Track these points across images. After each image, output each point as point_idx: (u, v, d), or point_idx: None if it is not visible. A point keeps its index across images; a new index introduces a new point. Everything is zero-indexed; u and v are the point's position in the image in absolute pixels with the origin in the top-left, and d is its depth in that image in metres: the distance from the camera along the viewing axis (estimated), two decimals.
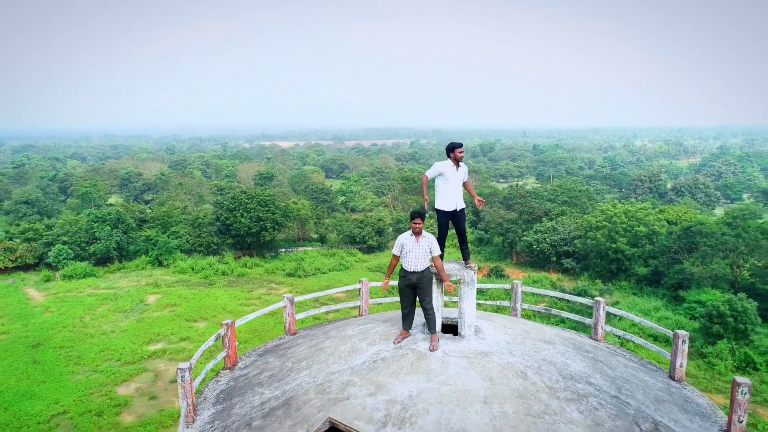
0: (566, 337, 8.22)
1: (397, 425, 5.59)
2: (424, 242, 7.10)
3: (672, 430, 6.09)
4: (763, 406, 31.73)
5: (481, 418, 5.62)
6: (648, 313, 46.66)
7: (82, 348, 40.17)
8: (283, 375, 7.01)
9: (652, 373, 8.06)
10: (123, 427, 29.61)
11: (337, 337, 7.68)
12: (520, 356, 6.78)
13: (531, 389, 6.13)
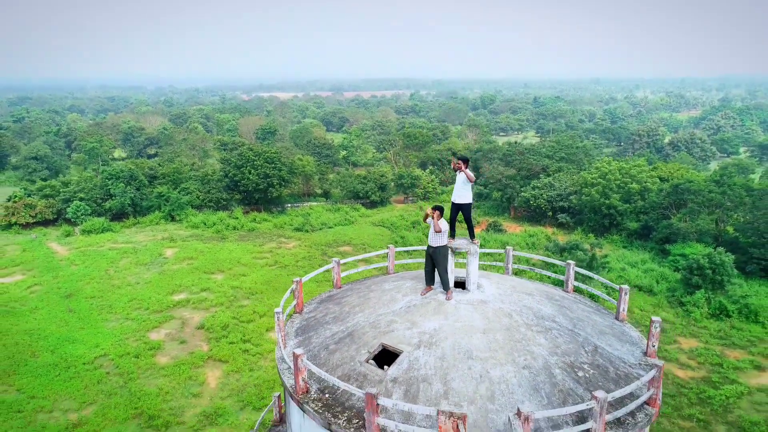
0: (543, 290, 11.08)
1: (427, 347, 8.51)
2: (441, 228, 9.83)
3: (607, 351, 9.02)
4: (730, 348, 35.34)
5: (481, 342, 8.55)
6: (635, 265, 49.95)
7: (111, 298, 43.56)
8: (343, 316, 9.87)
9: (603, 315, 10.91)
10: (159, 367, 33.24)
11: (379, 290, 10.54)
12: (508, 303, 9.67)
13: (514, 325, 9.04)
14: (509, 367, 8.20)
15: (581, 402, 7.59)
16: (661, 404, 8.62)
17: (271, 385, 30.87)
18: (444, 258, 9.67)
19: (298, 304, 10.92)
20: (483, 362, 8.25)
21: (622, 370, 8.73)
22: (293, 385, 8.28)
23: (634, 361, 9.09)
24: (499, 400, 7.73)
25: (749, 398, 29.63)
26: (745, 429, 26.90)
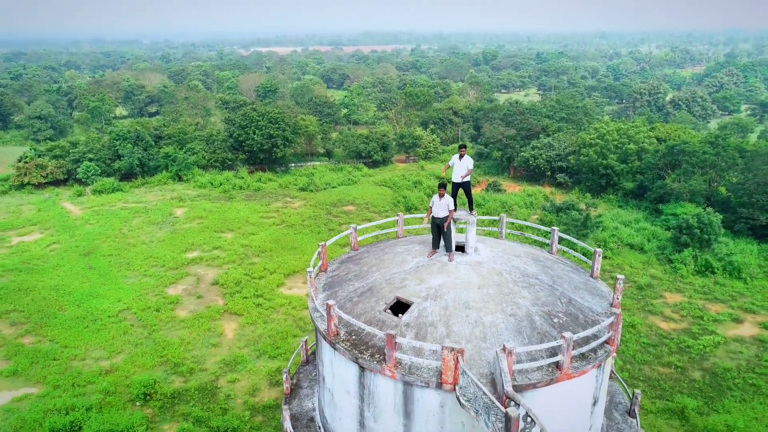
0: (530, 252, 12.99)
1: (433, 299, 10.50)
2: (444, 201, 11.66)
3: (579, 302, 11.00)
4: (712, 302, 37.76)
5: (477, 295, 10.55)
6: (628, 225, 51.98)
7: (128, 255, 45.82)
8: (363, 274, 11.82)
9: (580, 273, 12.86)
10: (179, 320, 35.74)
11: (392, 253, 12.46)
12: (499, 264, 11.61)
13: (503, 281, 11.01)
14: (498, 315, 10.21)
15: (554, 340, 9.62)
16: (619, 344, 10.68)
17: (284, 336, 33.39)
18: (448, 230, 11.58)
19: (323, 264, 12.87)
20: (478, 311, 10.25)
21: (590, 318, 10.75)
22: (326, 329, 10.31)
23: (600, 311, 11.10)
24: (490, 340, 9.76)
25: (725, 347, 32.20)
26: (717, 374, 29.52)
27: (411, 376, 9.31)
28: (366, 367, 9.68)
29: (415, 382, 9.25)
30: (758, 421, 25.83)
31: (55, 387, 28.32)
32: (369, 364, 9.59)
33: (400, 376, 9.36)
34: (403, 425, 9.78)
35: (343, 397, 10.73)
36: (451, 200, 11.74)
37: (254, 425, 25.89)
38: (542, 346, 9.11)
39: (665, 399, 27.58)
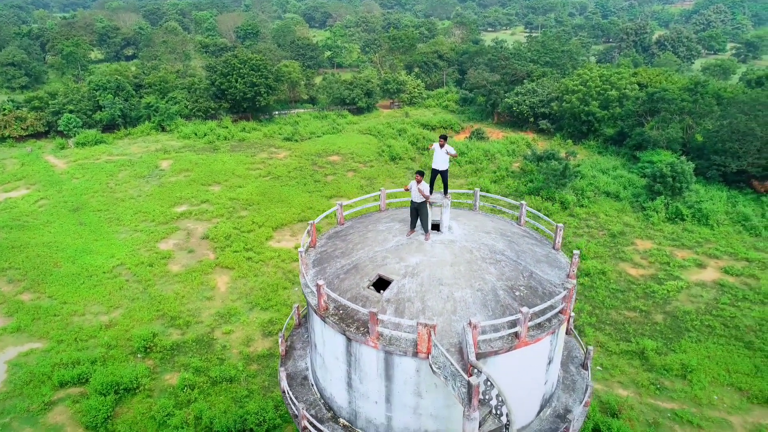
0: (499, 228, 14.30)
1: (411, 276, 11.87)
2: (422, 186, 12.79)
3: (539, 275, 12.45)
4: (680, 248, 39.98)
5: (449, 272, 11.93)
6: (606, 172, 53.55)
7: (117, 210, 46.57)
8: (348, 251, 13.08)
9: (543, 246, 14.24)
10: (173, 274, 37.14)
11: (374, 231, 13.68)
12: (470, 242, 12.93)
13: (473, 258, 12.37)
14: (468, 290, 11.61)
15: (515, 314, 11.10)
16: (571, 313, 12.23)
17: (275, 288, 35.04)
18: (425, 210, 12.78)
19: (313, 240, 14.09)
20: (450, 287, 11.64)
21: (548, 289, 12.22)
22: (317, 304, 11.66)
23: (558, 282, 12.56)
24: (460, 313, 11.21)
25: (687, 291, 34.58)
26: (678, 317, 31.97)
27: (391, 346, 10.79)
28: (352, 339, 11.12)
29: (395, 352, 10.74)
30: (710, 359, 28.40)
31: (59, 342, 29.88)
32: (355, 336, 11.03)
33: (381, 347, 10.83)
34: (385, 386, 11.38)
35: (332, 362, 12.27)
36: (427, 186, 12.90)
37: (250, 373, 27.87)
38: (503, 320, 10.58)
39: (628, 341, 30.01)
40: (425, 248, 12.66)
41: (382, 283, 12.01)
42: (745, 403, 25.76)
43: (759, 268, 37.00)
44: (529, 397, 12.22)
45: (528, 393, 12.10)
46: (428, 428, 11.49)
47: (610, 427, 23.28)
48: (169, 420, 24.19)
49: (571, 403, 13.19)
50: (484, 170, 55.51)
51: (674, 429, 24.45)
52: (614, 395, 26.15)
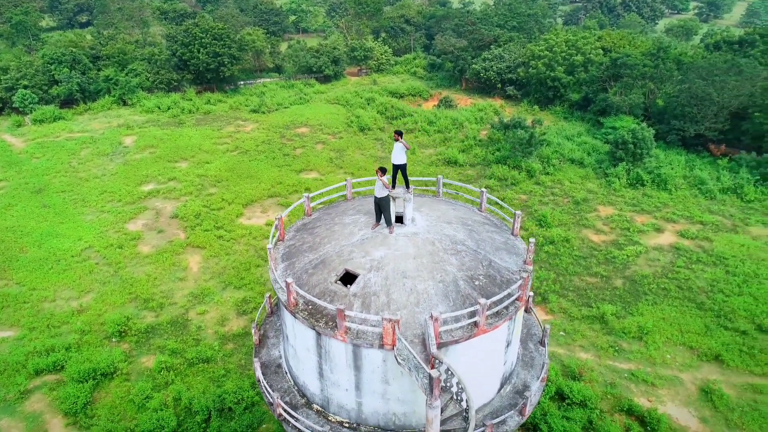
0: (460, 216, 14.89)
1: (376, 270, 12.40)
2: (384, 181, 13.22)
3: (498, 264, 13.16)
4: (639, 213, 41.57)
5: (412, 265, 12.51)
6: (571, 139, 54.64)
7: (82, 191, 45.67)
8: (315, 246, 13.50)
9: (502, 232, 14.92)
10: (144, 256, 37.01)
11: (341, 224, 14.10)
12: (433, 233, 13.51)
13: (435, 250, 12.97)
14: (430, 282, 12.24)
15: (474, 304, 11.80)
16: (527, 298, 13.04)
17: (247, 267, 35.33)
18: (387, 204, 13.24)
19: (281, 233, 14.45)
20: (413, 280, 12.24)
21: (506, 277, 12.95)
22: (287, 300, 12.14)
23: (515, 269, 13.30)
24: (422, 305, 11.86)
25: (645, 256, 36.22)
26: (636, 281, 33.59)
27: (358, 340, 11.40)
28: (322, 333, 11.69)
29: (362, 345, 11.36)
30: (664, 321, 30.13)
31: (31, 329, 29.80)
32: (324, 331, 11.60)
33: (349, 340, 11.44)
34: (354, 375, 12.05)
35: (304, 353, 12.86)
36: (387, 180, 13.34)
37: (226, 353, 28.43)
38: (463, 312, 11.27)
39: (589, 306, 31.52)
40: (389, 241, 13.18)
41: (348, 277, 12.53)
42: (695, 361, 27.59)
43: (712, 230, 38.87)
44: (490, 377, 13.10)
45: (488, 374, 12.97)
46: (396, 411, 12.28)
47: (572, 390, 24.75)
48: (148, 403, 24.69)
49: (530, 379, 14.15)
50: (452, 139, 55.96)
51: (630, 388, 26.12)
52: (576, 359, 27.66)
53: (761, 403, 25.08)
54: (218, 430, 23.20)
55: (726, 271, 34.23)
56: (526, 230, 39.22)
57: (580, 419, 23.67)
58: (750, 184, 43.65)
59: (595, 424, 23.67)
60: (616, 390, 25.77)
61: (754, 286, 32.64)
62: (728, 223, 39.97)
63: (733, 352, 27.88)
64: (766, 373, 26.66)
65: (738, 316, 30.24)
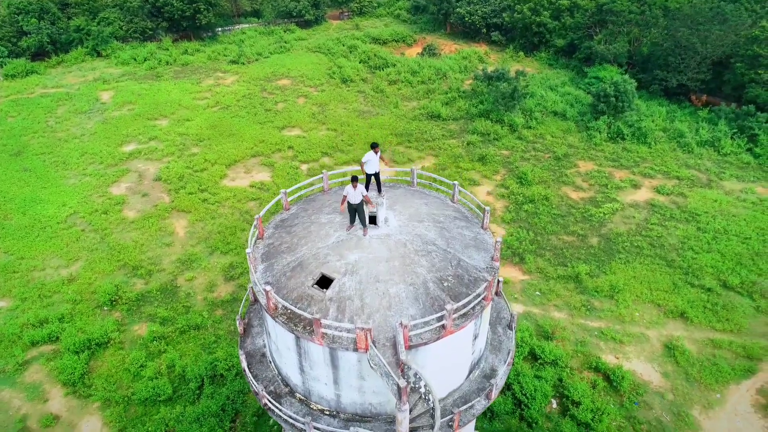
0: (432, 213, 15.40)
1: (350, 274, 13.09)
2: (358, 190, 13.65)
3: (466, 262, 13.89)
4: (618, 169, 42.31)
5: (385, 268, 13.20)
6: (555, 89, 54.35)
7: (62, 153, 45.19)
8: (293, 246, 14.07)
9: (472, 226, 15.53)
10: (129, 221, 37.35)
11: (317, 224, 14.62)
12: (405, 234, 14.11)
13: (407, 252, 13.63)
14: (401, 286, 12.98)
15: (443, 304, 12.62)
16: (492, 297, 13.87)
17: (233, 231, 35.90)
18: (362, 209, 13.77)
19: (260, 232, 14.98)
20: (385, 283, 12.96)
21: (474, 275, 13.72)
22: (266, 305, 12.86)
23: (483, 266, 14.05)
24: (394, 308, 12.64)
25: (621, 213, 37.29)
26: (611, 239, 34.79)
27: (334, 344, 12.24)
28: (300, 337, 12.51)
29: (338, 348, 12.22)
30: (635, 279, 31.57)
31: (23, 300, 30.53)
32: (302, 335, 12.41)
33: (326, 344, 12.28)
34: (332, 372, 13.00)
35: (285, 351, 13.74)
36: (363, 189, 13.82)
37: (215, 319, 29.53)
38: (431, 317, 12.10)
39: (565, 265, 32.80)
40: (363, 244, 13.80)
41: (325, 280, 13.22)
42: (661, 318, 29.24)
43: (687, 186, 39.85)
44: (459, 367, 14.16)
45: (457, 366, 14.02)
46: (372, 401, 13.35)
47: (544, 350, 26.31)
48: (143, 371, 25.91)
49: (497, 363, 15.26)
50: (435, 91, 55.44)
51: (599, 346, 27.80)
52: (550, 319, 29.17)
53: (719, 358, 26.92)
54: (211, 396, 24.58)
55: (697, 228, 35.49)
56: (507, 188, 39.96)
57: (551, 378, 25.35)
58: (727, 137, 44.31)
59: (564, 382, 25.38)
60: (585, 348, 27.42)
61: (723, 243, 34.00)
62: (703, 178, 40.94)
63: (697, 308, 29.51)
64: (726, 328, 28.41)
65: (705, 273, 31.73)
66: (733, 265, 32.17)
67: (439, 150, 44.97)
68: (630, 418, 24.21)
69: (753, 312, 29.45)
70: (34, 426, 23.86)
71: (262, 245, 14.63)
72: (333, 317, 12.43)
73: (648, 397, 25.22)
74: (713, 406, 24.84)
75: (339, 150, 45.23)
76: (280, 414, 13.77)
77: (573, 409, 23.87)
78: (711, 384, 25.69)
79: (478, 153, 43.60)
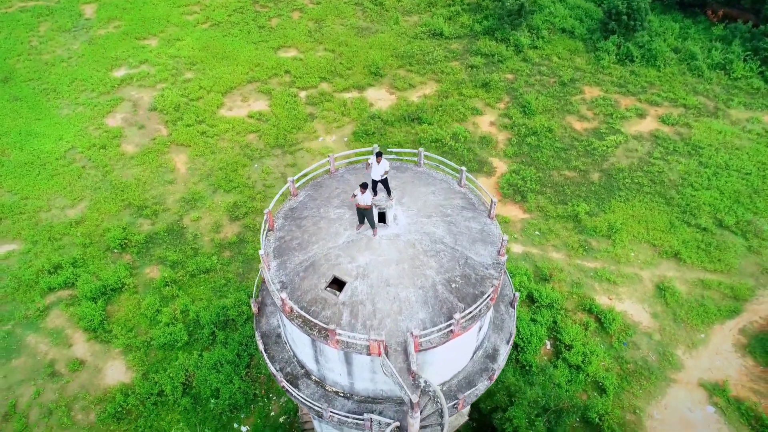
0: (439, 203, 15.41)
1: (362, 278, 13.51)
2: (366, 195, 13.61)
3: (473, 260, 14.25)
4: (625, 96, 41.28)
5: (394, 271, 13.60)
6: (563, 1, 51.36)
7: (51, 79, 43.64)
8: (304, 244, 14.33)
9: (479, 216, 15.62)
10: (129, 157, 37.07)
11: (327, 219, 14.73)
12: (413, 233, 14.31)
13: (416, 253, 13.93)
14: (411, 289, 13.46)
15: (452, 307, 13.23)
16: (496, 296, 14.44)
17: (234, 167, 35.81)
18: (370, 212, 13.87)
19: (270, 224, 15.18)
20: (395, 287, 13.44)
21: (480, 274, 14.17)
22: (282, 307, 13.43)
23: (489, 262, 14.45)
24: (405, 313, 13.23)
25: (624, 146, 37.05)
26: (612, 175, 34.92)
27: (349, 348, 12.98)
28: (315, 339, 13.22)
29: (352, 352, 12.98)
30: (633, 218, 32.19)
31: (34, 243, 31.20)
32: (318, 338, 13.11)
33: (341, 348, 13.02)
34: (346, 368, 13.90)
35: (301, 345, 14.56)
36: (370, 193, 13.81)
37: (224, 261, 30.44)
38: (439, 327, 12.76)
39: (565, 203, 33.23)
40: (373, 245, 14.08)
41: (337, 282, 13.68)
42: (656, 258, 30.25)
43: (694, 115, 39.20)
44: (464, 355, 15.10)
45: (463, 355, 14.93)
46: (383, 389, 14.43)
47: (541, 294, 27.54)
48: (158, 316, 27.24)
49: (499, 342, 16.22)
50: (438, 3, 52.34)
51: (593, 286, 29.05)
52: (548, 260, 30.16)
53: (707, 298, 28.30)
54: (225, 342, 26.09)
55: (699, 162, 35.50)
56: (510, 118, 39.30)
57: (546, 321, 26.80)
58: (740, 60, 42.78)
59: (558, 324, 26.87)
60: (581, 290, 28.67)
61: (723, 179, 34.22)
62: (710, 106, 40.16)
63: (691, 249, 30.43)
64: (717, 269, 29.54)
65: (702, 212, 32.29)
66: (731, 203, 32.64)
67: (442, 74, 43.49)
68: (618, 359, 26.00)
69: (744, 252, 30.43)
70: (62, 370, 25.57)
71: (273, 238, 14.92)
72: (346, 321, 13.08)
73: (636, 337, 26.87)
74: (697, 345, 26.56)
75: (338, 75, 43.71)
76: (297, 396, 14.91)
77: (565, 353, 25.52)
78: (697, 324, 27.26)
79: (482, 78, 42.25)
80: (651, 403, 24.55)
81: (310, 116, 39.90)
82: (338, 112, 39.97)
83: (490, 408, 21.02)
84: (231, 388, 23.99)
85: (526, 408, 19.76)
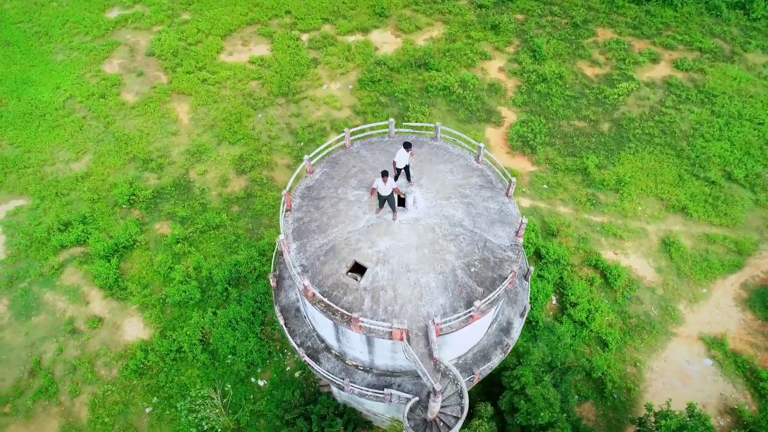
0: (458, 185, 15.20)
1: (382, 263, 13.63)
2: (389, 183, 13.42)
3: (492, 243, 14.31)
4: (639, 39, 39.85)
5: (415, 257, 13.70)
6: None
7: (41, 21, 41.88)
8: (323, 227, 14.30)
9: (497, 195, 15.45)
10: (130, 106, 36.25)
11: (345, 201, 14.60)
12: (433, 217, 14.26)
13: (435, 238, 13.96)
14: (431, 275, 13.63)
15: (471, 292, 13.48)
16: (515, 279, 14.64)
17: (238, 118, 35.15)
18: (392, 198, 13.77)
19: (288, 205, 15.11)
20: (416, 273, 13.60)
21: (499, 256, 14.29)
22: (304, 292, 13.66)
23: (507, 244, 14.54)
24: (425, 298, 13.48)
25: (636, 94, 36.21)
26: (622, 125, 34.37)
27: (371, 333, 13.32)
28: (338, 323, 13.54)
29: (374, 336, 13.34)
30: (642, 171, 32.02)
31: (42, 199, 31.15)
32: (341, 322, 13.43)
33: (363, 332, 13.37)
34: (367, 348, 14.33)
35: (322, 324, 14.92)
36: (393, 182, 13.64)
37: (233, 217, 30.55)
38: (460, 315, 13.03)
39: (574, 156, 32.93)
40: (393, 230, 14.11)
41: (358, 267, 13.84)
42: (662, 213, 30.39)
43: (709, 60, 38.03)
44: (480, 332, 15.51)
45: (479, 332, 15.34)
46: (402, 365, 14.97)
47: (548, 250, 27.88)
48: (172, 274, 27.67)
49: (513, 315, 16.63)
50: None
51: (600, 241, 29.37)
52: (555, 214, 30.29)
53: (711, 253, 28.72)
54: (238, 298, 26.69)
55: (711, 111, 34.87)
56: (519, 63, 38.16)
57: (553, 277, 27.32)
58: None
59: (564, 279, 27.42)
60: (587, 245, 29.02)
61: (735, 129, 33.75)
62: (727, 49, 38.89)
63: (698, 202, 30.52)
64: (722, 223, 29.77)
65: (712, 164, 32.09)
66: (741, 155, 32.38)
67: (449, 15, 41.74)
68: (621, 313, 26.76)
69: (751, 205, 30.55)
70: (82, 327, 26.33)
71: (291, 219, 14.92)
72: (368, 307, 13.36)
73: (640, 292, 27.52)
74: (698, 300, 27.26)
75: (341, 15, 41.94)
76: (319, 371, 15.50)
77: (570, 309, 26.22)
78: (699, 279, 27.83)
79: (491, 20, 40.59)
80: (651, 356, 25.54)
81: (313, 62, 38.66)
82: (342, 57, 38.71)
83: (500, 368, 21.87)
84: (247, 346, 24.83)
85: (534, 367, 20.60)
